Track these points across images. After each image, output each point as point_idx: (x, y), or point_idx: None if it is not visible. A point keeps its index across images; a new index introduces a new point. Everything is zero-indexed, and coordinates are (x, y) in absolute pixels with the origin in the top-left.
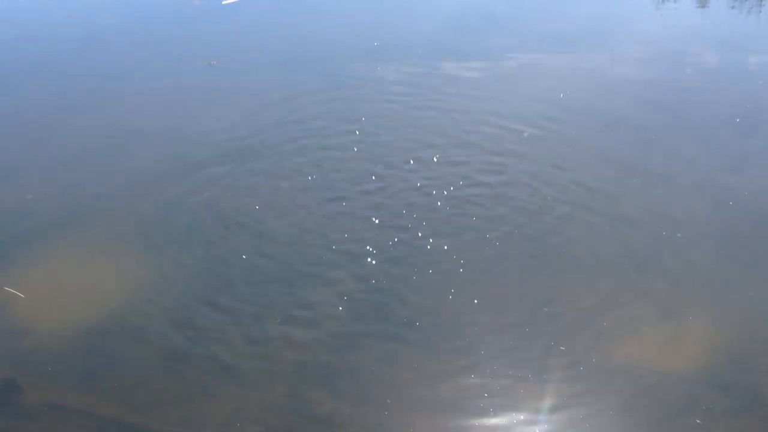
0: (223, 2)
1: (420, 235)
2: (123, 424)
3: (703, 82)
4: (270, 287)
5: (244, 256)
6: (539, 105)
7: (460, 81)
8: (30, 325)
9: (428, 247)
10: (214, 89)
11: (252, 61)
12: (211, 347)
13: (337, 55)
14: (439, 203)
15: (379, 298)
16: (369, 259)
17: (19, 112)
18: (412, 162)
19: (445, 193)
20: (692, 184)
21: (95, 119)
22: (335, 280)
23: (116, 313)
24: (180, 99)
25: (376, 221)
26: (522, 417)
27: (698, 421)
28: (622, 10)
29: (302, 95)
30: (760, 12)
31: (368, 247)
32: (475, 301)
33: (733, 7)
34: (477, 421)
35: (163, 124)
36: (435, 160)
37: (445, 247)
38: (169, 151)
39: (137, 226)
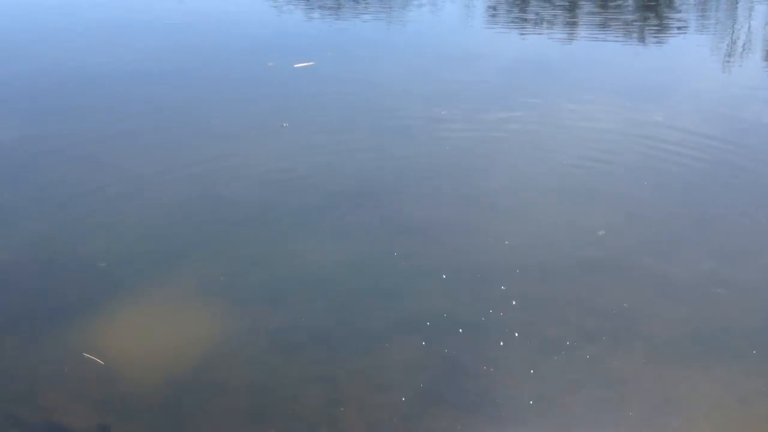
0: (295, 65)
1: (501, 304)
2: None
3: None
4: (347, 348)
5: (323, 315)
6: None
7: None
8: (119, 375)
9: (509, 318)
10: (287, 148)
11: (322, 123)
12: (292, 407)
13: (415, 121)
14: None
15: (454, 367)
16: (447, 328)
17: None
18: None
19: (517, 271)
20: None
21: (172, 174)
22: (411, 345)
23: (201, 368)
24: (254, 161)
25: (460, 297)
26: None
27: None
28: (691, 68)
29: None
30: None
31: (446, 315)
32: (546, 380)
33: None
34: None
35: (240, 182)
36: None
37: (522, 333)
38: (252, 206)
39: (217, 282)
